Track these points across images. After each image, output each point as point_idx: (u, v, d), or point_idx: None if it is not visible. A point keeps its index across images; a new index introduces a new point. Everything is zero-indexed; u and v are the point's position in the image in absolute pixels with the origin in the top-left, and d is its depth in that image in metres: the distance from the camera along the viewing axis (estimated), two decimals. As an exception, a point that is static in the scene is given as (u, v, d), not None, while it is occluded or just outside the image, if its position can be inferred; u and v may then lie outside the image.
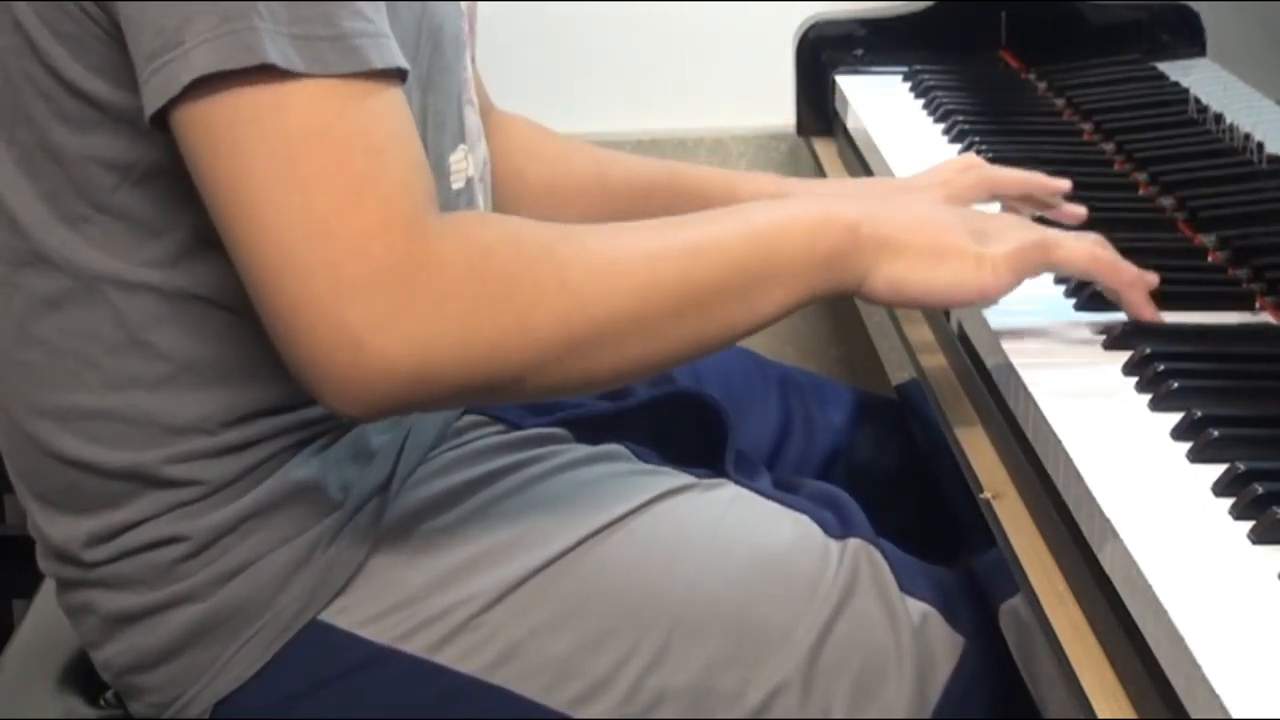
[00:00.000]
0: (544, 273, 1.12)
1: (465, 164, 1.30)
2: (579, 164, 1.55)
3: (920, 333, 1.45)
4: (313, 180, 1.07)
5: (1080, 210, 1.43)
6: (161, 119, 1.09)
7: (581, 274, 1.13)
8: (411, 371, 1.09)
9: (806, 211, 1.21)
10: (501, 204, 1.46)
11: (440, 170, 1.27)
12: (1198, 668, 0.85)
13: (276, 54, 1.06)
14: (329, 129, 1.08)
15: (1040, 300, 1.29)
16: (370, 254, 1.07)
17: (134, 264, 1.19)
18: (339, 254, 1.07)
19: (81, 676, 1.33)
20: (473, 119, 1.33)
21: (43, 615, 1.40)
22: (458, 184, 1.29)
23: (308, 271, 1.07)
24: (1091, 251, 1.23)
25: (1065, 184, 1.43)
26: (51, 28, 1.15)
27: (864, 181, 1.65)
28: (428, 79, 1.24)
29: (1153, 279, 1.25)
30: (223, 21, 1.06)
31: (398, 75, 1.12)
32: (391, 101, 1.11)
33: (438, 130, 1.27)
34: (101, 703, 1.32)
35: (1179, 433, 1.09)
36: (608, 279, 1.13)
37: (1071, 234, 1.27)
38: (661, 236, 1.17)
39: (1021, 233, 1.24)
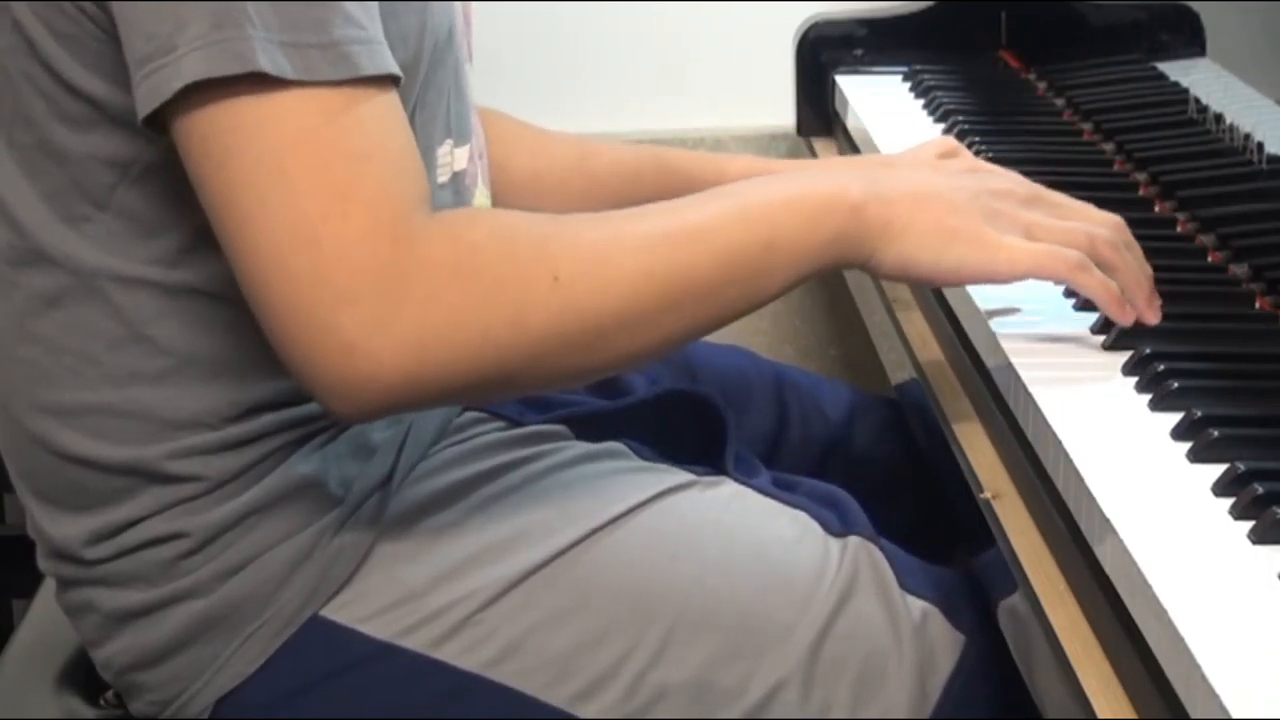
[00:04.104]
0: (536, 270, 1.12)
1: (451, 158, 1.30)
2: (561, 152, 1.54)
3: (920, 332, 1.45)
4: (299, 188, 1.08)
5: None
6: (155, 120, 1.10)
7: (574, 270, 1.12)
8: (404, 374, 1.09)
9: (809, 192, 1.19)
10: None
11: (427, 163, 1.27)
12: (1198, 667, 0.85)
13: (267, 62, 1.07)
14: (316, 136, 1.08)
15: (1040, 300, 1.29)
16: (356, 260, 1.08)
17: (135, 262, 1.19)
18: (326, 261, 1.08)
19: (81, 676, 1.33)
20: (468, 112, 1.33)
21: (43, 615, 1.40)
22: (442, 178, 1.29)
23: (297, 279, 1.08)
24: (1106, 287, 1.20)
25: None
26: (50, 27, 1.15)
27: (852, 161, 1.63)
28: (426, 75, 1.25)
29: (1153, 318, 1.23)
30: (214, 29, 1.07)
31: (390, 80, 1.12)
32: (381, 106, 1.11)
33: (427, 125, 1.26)
34: (101, 702, 1.32)
35: (1179, 433, 1.09)
36: (601, 274, 1.13)
37: (1103, 225, 1.24)
38: (657, 225, 1.16)
39: (1058, 235, 1.21)
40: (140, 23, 1.09)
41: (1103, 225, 1.24)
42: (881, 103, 1.89)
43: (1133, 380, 1.16)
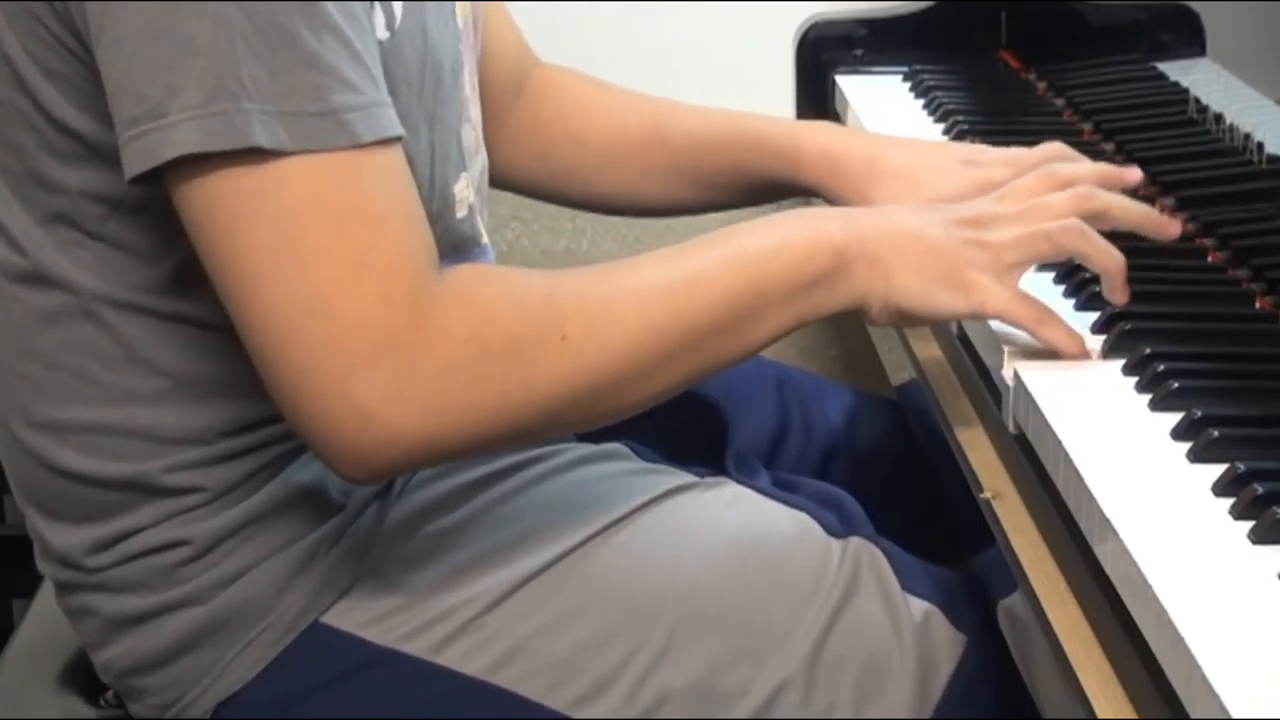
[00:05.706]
0: (545, 330, 1.12)
1: (468, 192, 1.30)
2: (637, 121, 1.54)
3: (920, 333, 1.45)
4: (313, 255, 1.07)
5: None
6: (144, 176, 1.09)
7: (581, 327, 1.13)
8: (420, 439, 1.10)
9: (796, 236, 1.20)
10: (561, 169, 1.48)
11: (446, 202, 1.27)
12: (1198, 668, 0.85)
13: (264, 135, 1.06)
14: (326, 202, 1.08)
15: (1040, 300, 1.28)
16: (373, 326, 1.08)
17: (128, 289, 1.18)
18: (342, 327, 1.07)
19: (81, 677, 1.33)
20: (470, 137, 1.33)
21: (43, 615, 1.40)
22: (461, 212, 1.29)
23: (312, 346, 1.08)
24: (1068, 341, 1.20)
25: (1136, 175, 1.38)
26: (40, 65, 1.14)
27: (929, 145, 1.56)
28: (433, 114, 1.24)
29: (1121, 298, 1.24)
30: (210, 100, 1.06)
31: (393, 140, 1.11)
32: (388, 167, 1.11)
33: (442, 163, 1.26)
34: (101, 703, 1.32)
35: (1179, 433, 1.09)
36: (606, 329, 1.14)
37: (1062, 205, 1.23)
38: (657, 276, 1.17)
39: (1025, 250, 1.21)
40: (130, 82, 1.08)
41: (1062, 206, 1.23)
42: (881, 103, 1.89)
43: (1133, 380, 1.16)
